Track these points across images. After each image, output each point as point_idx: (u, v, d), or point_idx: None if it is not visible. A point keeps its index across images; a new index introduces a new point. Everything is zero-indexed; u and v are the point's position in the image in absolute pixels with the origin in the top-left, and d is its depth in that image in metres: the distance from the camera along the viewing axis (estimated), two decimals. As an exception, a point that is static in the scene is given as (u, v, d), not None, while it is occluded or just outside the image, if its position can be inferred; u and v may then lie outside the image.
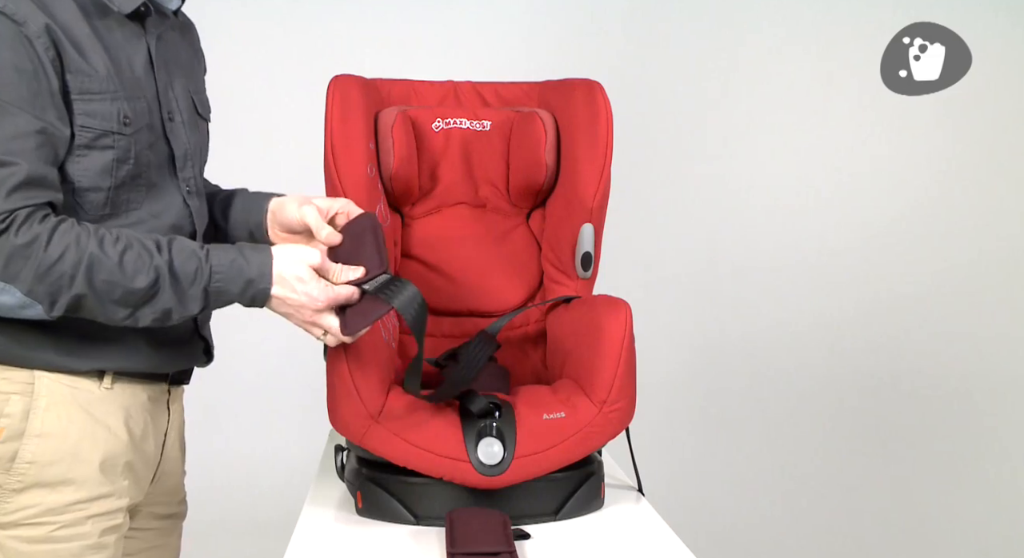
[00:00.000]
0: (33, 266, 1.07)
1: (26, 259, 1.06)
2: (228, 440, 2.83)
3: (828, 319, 3.13)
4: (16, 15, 1.08)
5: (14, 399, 1.16)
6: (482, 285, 1.60)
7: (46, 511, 1.18)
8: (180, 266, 1.13)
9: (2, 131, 1.07)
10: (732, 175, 3.09)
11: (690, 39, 3.06)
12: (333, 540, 1.26)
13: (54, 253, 1.07)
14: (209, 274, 1.15)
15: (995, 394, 3.16)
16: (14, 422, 1.16)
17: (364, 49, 2.80)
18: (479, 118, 1.63)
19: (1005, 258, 3.15)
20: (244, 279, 1.16)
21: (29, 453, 1.17)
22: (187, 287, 1.13)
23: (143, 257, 1.11)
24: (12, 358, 1.17)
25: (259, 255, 1.17)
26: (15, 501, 1.17)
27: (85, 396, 1.20)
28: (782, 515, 3.00)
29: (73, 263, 1.08)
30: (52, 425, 1.18)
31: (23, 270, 1.07)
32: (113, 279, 1.09)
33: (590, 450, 1.33)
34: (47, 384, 1.18)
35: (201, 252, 1.16)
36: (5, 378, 1.17)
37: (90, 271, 1.08)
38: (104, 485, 1.22)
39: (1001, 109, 3.10)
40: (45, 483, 1.18)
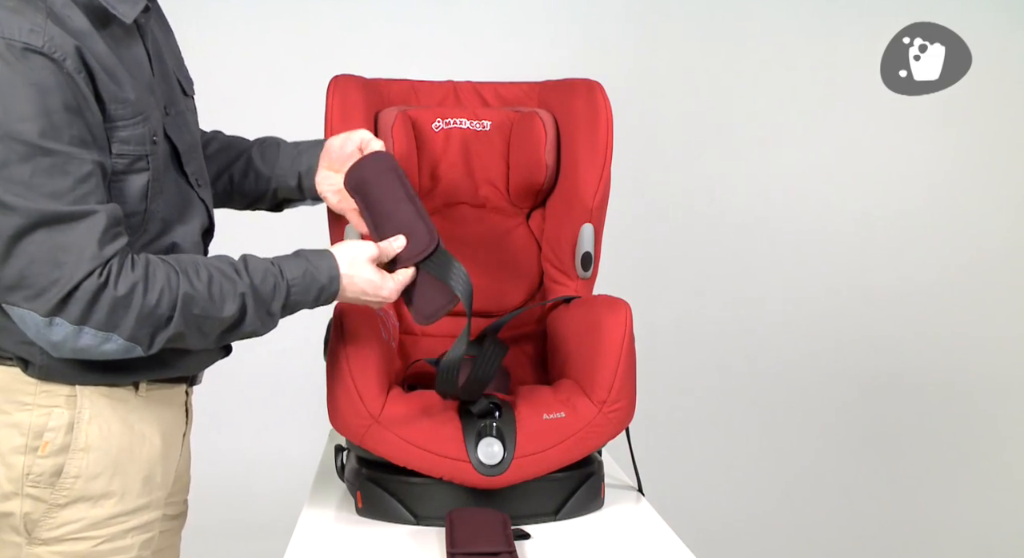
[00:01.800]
0: (135, 314, 1.06)
1: (127, 309, 1.05)
2: (228, 440, 2.83)
3: (828, 319, 3.13)
4: (56, 53, 1.01)
5: (57, 412, 1.14)
6: (482, 285, 1.60)
7: (89, 526, 1.17)
8: (260, 286, 1.15)
9: (70, 178, 1.02)
10: (732, 174, 3.09)
11: (690, 39, 3.06)
12: (333, 540, 1.26)
13: (152, 298, 1.07)
14: (287, 289, 1.17)
15: (996, 393, 3.16)
16: (59, 436, 1.14)
17: (364, 49, 2.80)
18: (479, 118, 1.63)
19: (1005, 257, 3.15)
20: (317, 287, 1.19)
21: (75, 468, 1.15)
22: (269, 305, 1.16)
23: (227, 285, 1.12)
24: (53, 375, 1.14)
25: (325, 260, 1.20)
26: (60, 516, 1.15)
27: (123, 407, 1.19)
28: (782, 515, 3.00)
29: (170, 305, 1.08)
30: (95, 438, 1.16)
31: (125, 319, 1.06)
32: (206, 313, 1.11)
33: (590, 450, 1.33)
34: (88, 396, 1.16)
35: (274, 268, 1.17)
36: (46, 391, 1.14)
37: (186, 309, 1.09)
38: (142, 497, 1.21)
39: (1001, 109, 3.11)
40: (88, 497, 1.16)
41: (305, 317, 1.25)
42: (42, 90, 1.00)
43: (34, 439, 1.13)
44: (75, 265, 1.02)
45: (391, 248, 1.26)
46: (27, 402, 1.14)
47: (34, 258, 1.01)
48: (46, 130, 1.00)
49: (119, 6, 1.12)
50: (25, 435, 1.13)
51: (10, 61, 0.99)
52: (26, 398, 1.14)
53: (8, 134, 0.99)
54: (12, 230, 1.01)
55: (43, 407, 1.14)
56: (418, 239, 1.27)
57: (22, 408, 1.14)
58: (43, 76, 1.00)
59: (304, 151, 1.43)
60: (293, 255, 1.21)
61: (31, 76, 1.00)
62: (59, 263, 1.02)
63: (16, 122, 0.99)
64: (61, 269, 1.02)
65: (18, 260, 1.02)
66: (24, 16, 1.02)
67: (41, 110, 1.00)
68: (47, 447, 1.14)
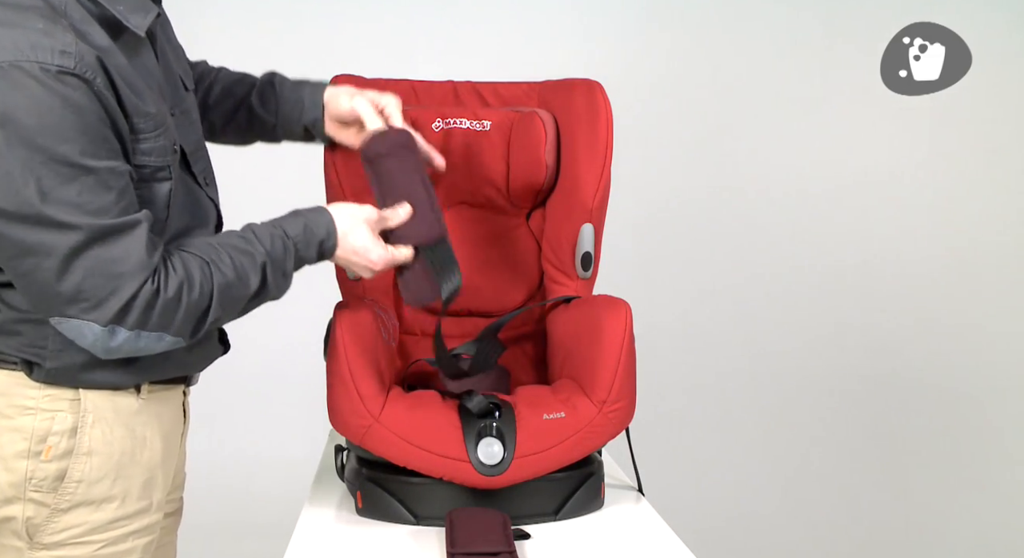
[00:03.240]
0: (183, 312, 1.11)
1: (177, 309, 1.10)
2: (228, 440, 2.83)
3: (829, 319, 3.13)
4: (87, 72, 1.02)
5: (60, 417, 1.14)
6: (482, 285, 1.60)
7: (91, 530, 1.17)
8: (273, 252, 1.19)
9: (113, 192, 1.05)
10: (732, 174, 3.09)
11: (690, 39, 3.06)
12: (333, 540, 1.26)
13: (195, 294, 1.11)
14: (294, 248, 1.21)
15: (996, 392, 3.16)
16: (63, 441, 1.14)
17: (364, 49, 2.80)
18: (479, 118, 1.63)
19: (1005, 256, 3.15)
20: (317, 241, 1.23)
21: (78, 472, 1.15)
22: (284, 268, 1.20)
23: (247, 261, 1.17)
24: (59, 378, 1.14)
25: (323, 216, 1.24)
26: (62, 521, 1.15)
27: (125, 410, 1.19)
28: (782, 514, 3.00)
29: (209, 296, 1.13)
30: (98, 442, 1.16)
31: (175, 318, 1.10)
32: (237, 293, 1.16)
33: (590, 450, 1.33)
34: (92, 400, 1.16)
35: (278, 231, 1.21)
36: (49, 395, 1.14)
37: (222, 296, 1.14)
38: (142, 500, 1.22)
39: (1001, 109, 3.11)
40: (91, 501, 1.16)
41: (305, 318, 1.25)
42: (79, 111, 1.02)
43: (37, 443, 1.13)
44: (130, 276, 1.06)
45: (394, 215, 1.29)
46: (30, 406, 1.14)
47: (90, 272, 1.04)
48: (86, 149, 1.02)
49: (132, 17, 1.12)
50: (28, 439, 1.13)
51: (48, 85, 1.00)
52: (29, 402, 1.14)
53: (53, 157, 1.00)
54: (68, 249, 1.03)
55: (46, 411, 1.14)
56: (425, 223, 1.31)
57: (25, 412, 1.13)
58: (78, 97, 1.02)
59: (308, 107, 1.46)
60: (291, 214, 1.24)
61: (68, 98, 1.01)
62: (114, 275, 1.05)
63: (58, 144, 1.01)
64: (117, 280, 1.05)
65: (74, 276, 1.04)
66: (55, 38, 1.02)
67: (80, 130, 1.02)
68: (50, 452, 1.14)
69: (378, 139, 1.36)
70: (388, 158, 1.34)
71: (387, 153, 1.35)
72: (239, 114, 1.49)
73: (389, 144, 1.35)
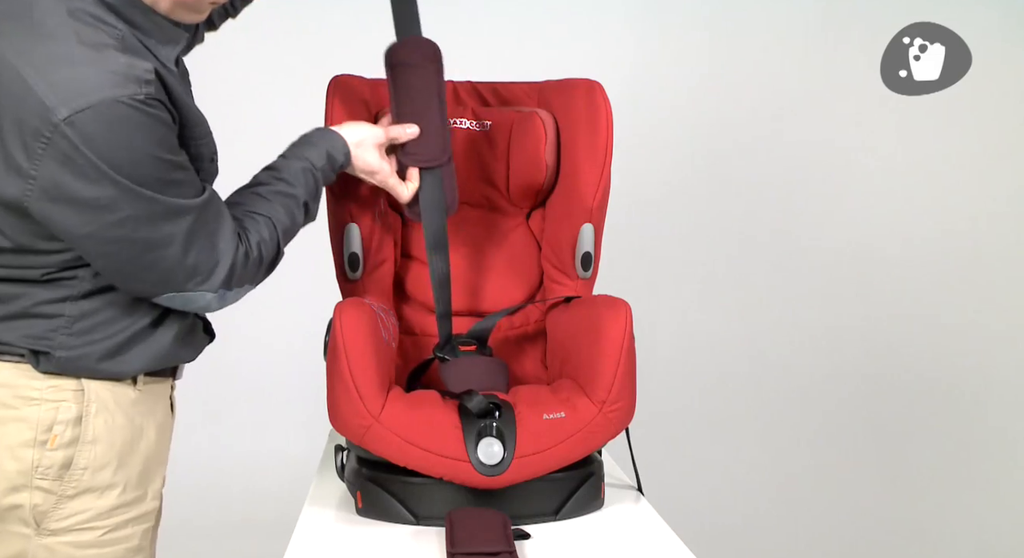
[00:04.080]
0: (266, 266, 1.27)
1: (260, 264, 1.26)
2: (228, 440, 2.84)
3: (829, 319, 3.13)
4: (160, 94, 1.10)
5: (65, 406, 1.18)
6: (482, 285, 1.60)
7: (95, 516, 1.20)
8: (307, 186, 1.33)
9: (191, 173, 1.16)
10: (731, 174, 3.09)
11: (690, 39, 3.06)
12: (333, 540, 1.26)
13: (267, 247, 1.26)
14: (322, 177, 1.35)
15: (995, 393, 3.16)
16: (67, 429, 1.17)
17: (364, 49, 2.80)
18: (479, 118, 1.63)
19: (1005, 256, 3.15)
20: (338, 165, 1.38)
21: (84, 459, 1.19)
22: (316, 195, 1.35)
23: (292, 203, 1.31)
24: (64, 368, 1.18)
25: (338, 141, 1.38)
26: (68, 507, 1.19)
27: (124, 400, 1.23)
28: (782, 515, 3.00)
29: (277, 244, 1.28)
30: (101, 430, 1.20)
31: (259, 272, 1.26)
32: (293, 232, 1.32)
33: (590, 450, 1.33)
34: (94, 390, 1.20)
35: (306, 163, 1.34)
36: (53, 386, 1.18)
37: (285, 239, 1.30)
38: (141, 487, 1.25)
39: (1001, 109, 3.11)
40: (95, 488, 1.20)
41: (305, 318, 1.26)
42: (166, 124, 1.12)
43: (43, 433, 1.16)
44: (225, 247, 1.19)
45: (402, 134, 1.43)
46: (35, 397, 1.17)
47: (200, 249, 1.17)
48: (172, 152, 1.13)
49: (163, 49, 1.19)
50: (34, 429, 1.16)
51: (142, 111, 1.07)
52: (34, 393, 1.17)
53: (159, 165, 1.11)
54: (184, 233, 1.14)
55: (51, 402, 1.17)
56: (431, 147, 1.42)
57: (30, 403, 1.17)
58: (162, 114, 1.11)
59: None
60: (309, 143, 1.37)
61: (156, 117, 1.09)
62: (215, 247, 1.18)
63: (160, 153, 1.11)
64: (217, 252, 1.18)
65: (190, 257, 1.16)
66: (137, 68, 1.08)
67: (169, 140, 1.13)
68: (56, 440, 1.17)
69: (405, 47, 1.42)
70: (411, 70, 1.41)
71: (412, 63, 1.41)
72: None
73: (415, 55, 1.42)
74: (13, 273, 1.16)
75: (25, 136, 1.05)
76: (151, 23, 1.16)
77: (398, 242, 1.61)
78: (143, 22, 1.15)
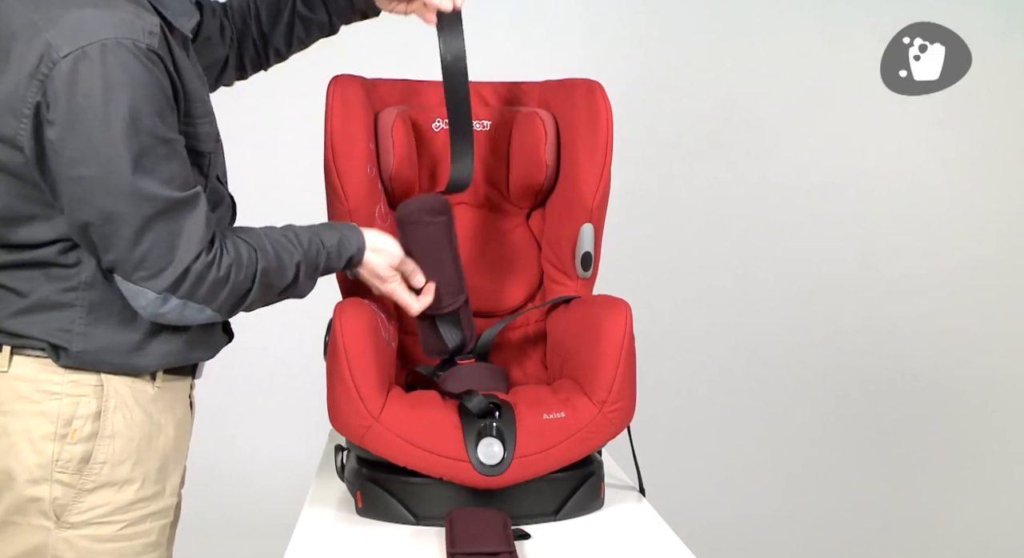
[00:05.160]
0: (229, 290, 1.19)
1: (224, 286, 1.18)
2: (228, 440, 2.83)
3: (828, 319, 3.13)
4: (163, 51, 1.11)
5: (84, 401, 1.19)
6: (482, 285, 1.60)
7: (114, 510, 1.21)
8: (309, 253, 1.28)
9: (176, 163, 1.13)
10: (732, 174, 3.09)
11: (690, 39, 3.06)
12: (333, 540, 1.26)
13: (242, 276, 1.20)
14: (327, 256, 1.30)
15: (996, 392, 3.16)
16: (87, 424, 1.18)
17: (364, 49, 2.80)
18: (479, 118, 1.63)
19: (1005, 256, 3.15)
20: (347, 256, 1.33)
21: (103, 454, 1.19)
22: (315, 271, 1.30)
23: (286, 256, 1.25)
24: (82, 362, 1.19)
25: (356, 235, 1.34)
26: (87, 501, 1.19)
27: (143, 396, 1.23)
28: (782, 515, 3.00)
29: (251, 279, 1.21)
30: (120, 425, 1.21)
31: (221, 295, 1.18)
32: (274, 282, 1.24)
33: (590, 450, 1.33)
34: (114, 385, 1.20)
35: (316, 238, 1.30)
36: (73, 381, 1.18)
37: (262, 280, 1.22)
38: (159, 483, 1.26)
39: (1001, 109, 3.11)
40: (113, 482, 1.21)
41: (305, 318, 1.26)
42: (161, 87, 1.11)
43: (63, 427, 1.17)
44: (187, 248, 1.14)
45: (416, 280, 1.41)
46: (56, 391, 1.18)
47: (156, 243, 1.12)
48: (161, 121, 1.11)
49: (179, 19, 1.20)
50: (54, 423, 1.17)
51: (143, 62, 1.08)
52: (54, 387, 1.18)
53: (143, 129, 1.09)
54: (143, 217, 1.11)
55: (71, 396, 1.18)
56: (445, 295, 1.42)
57: (51, 397, 1.18)
58: (158, 74, 1.10)
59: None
60: (328, 226, 1.34)
61: (153, 75, 1.09)
62: (174, 247, 1.13)
63: (144, 117, 1.09)
64: (176, 252, 1.13)
65: (143, 245, 1.12)
66: (144, 20, 1.10)
67: (160, 104, 1.10)
68: (76, 434, 1.18)
69: (413, 205, 1.42)
70: (420, 227, 1.41)
71: (421, 221, 1.41)
72: (295, 29, 1.53)
73: (423, 212, 1.41)
74: (16, 257, 1.17)
75: (27, 75, 1.06)
76: None
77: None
78: None
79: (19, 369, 1.18)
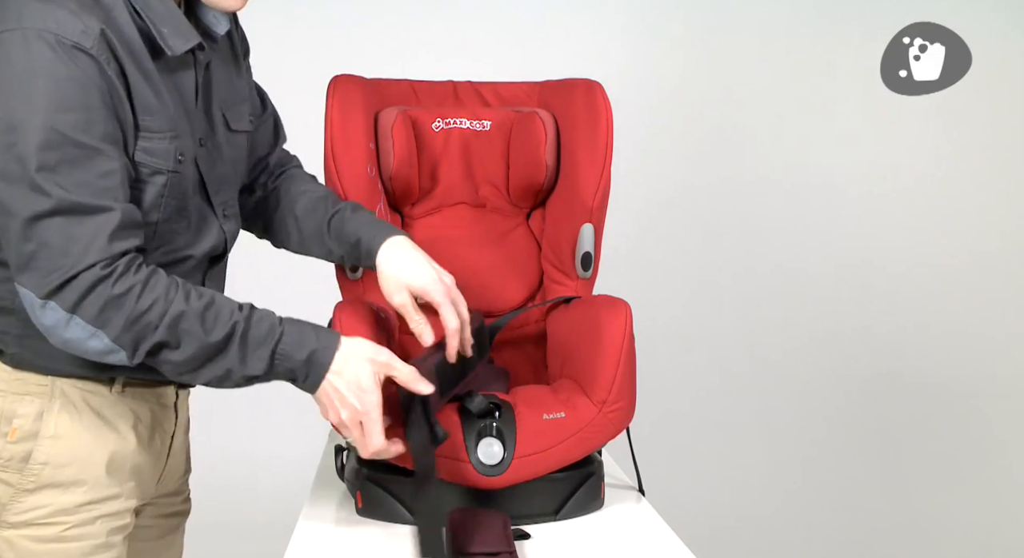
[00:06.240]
0: (124, 315, 1.06)
1: (119, 308, 1.06)
2: (228, 440, 2.83)
3: (829, 319, 3.13)
4: (101, 55, 1.06)
5: (27, 400, 1.18)
6: (482, 285, 1.60)
7: (57, 511, 1.19)
8: (254, 323, 1.12)
9: (92, 171, 1.05)
10: (732, 174, 3.09)
11: (690, 39, 3.06)
12: (333, 540, 1.26)
13: (144, 304, 1.07)
14: (280, 337, 1.13)
15: (996, 392, 3.16)
16: (27, 423, 1.17)
17: (364, 49, 2.80)
18: (479, 118, 1.63)
19: (1004, 256, 3.16)
20: (308, 349, 1.14)
21: (43, 454, 1.18)
22: (255, 348, 1.12)
23: (223, 312, 1.11)
24: (30, 365, 1.18)
25: (330, 335, 1.17)
26: (27, 501, 1.18)
27: (97, 400, 1.22)
28: (782, 515, 3.01)
29: (160, 313, 1.08)
30: (65, 427, 1.19)
31: (115, 318, 1.06)
32: (193, 330, 1.09)
33: (590, 450, 1.33)
34: (61, 387, 1.19)
35: (275, 316, 1.16)
36: (19, 379, 1.18)
37: (175, 322, 1.08)
38: (112, 487, 1.23)
39: (1001, 109, 3.11)
40: (57, 484, 1.19)
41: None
42: (83, 85, 1.05)
43: (4, 424, 1.17)
44: (80, 255, 1.04)
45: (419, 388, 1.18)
46: (0, 388, 1.17)
47: (46, 242, 1.04)
48: (79, 123, 1.05)
49: (170, 39, 1.14)
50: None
51: (60, 55, 1.04)
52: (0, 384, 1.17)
53: (48, 123, 1.03)
54: (33, 212, 1.04)
55: (15, 394, 1.18)
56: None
57: None
58: (86, 73, 1.05)
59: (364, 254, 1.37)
60: (305, 321, 1.18)
61: (75, 72, 1.04)
62: (67, 252, 1.04)
63: (55, 112, 1.03)
64: (67, 257, 1.04)
65: (31, 243, 1.05)
66: (80, 19, 1.06)
67: (80, 104, 1.05)
68: (16, 433, 1.17)
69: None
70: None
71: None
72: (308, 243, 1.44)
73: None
74: None
75: None
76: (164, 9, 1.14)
77: (398, 242, 1.61)
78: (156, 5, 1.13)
79: None
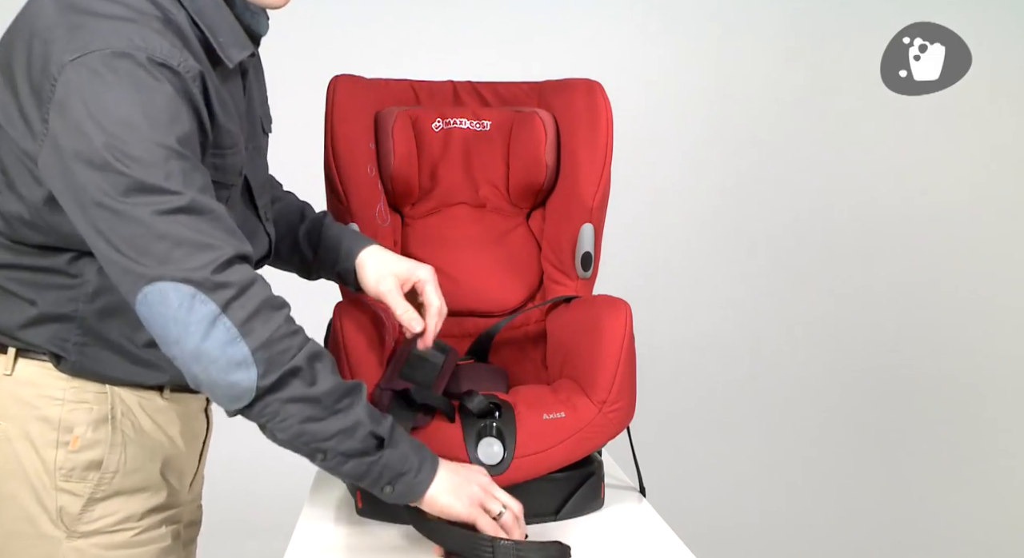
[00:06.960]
0: (272, 327, 1.02)
1: (268, 320, 1.02)
2: (228, 440, 2.82)
3: (829, 319, 3.13)
4: (188, 73, 1.05)
5: (84, 408, 1.17)
6: (482, 285, 1.60)
7: (126, 518, 1.20)
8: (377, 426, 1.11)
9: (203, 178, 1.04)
10: (731, 174, 3.09)
11: (690, 39, 3.06)
12: (333, 540, 1.26)
13: (290, 328, 1.04)
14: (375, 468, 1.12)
15: (997, 393, 3.16)
16: (88, 431, 1.17)
17: (364, 49, 2.80)
18: (479, 118, 1.63)
19: (1005, 257, 3.16)
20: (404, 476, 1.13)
21: (113, 462, 1.18)
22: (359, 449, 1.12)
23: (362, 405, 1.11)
24: (90, 373, 1.17)
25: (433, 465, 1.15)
26: (98, 509, 1.18)
27: (151, 406, 1.22)
28: (783, 515, 3.01)
29: (298, 346, 1.05)
30: (130, 434, 1.20)
31: (261, 328, 1.01)
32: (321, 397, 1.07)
33: (590, 450, 1.33)
34: (119, 394, 1.19)
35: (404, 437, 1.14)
36: (76, 387, 1.17)
37: (312, 359, 1.06)
38: (169, 491, 1.26)
39: (1001, 109, 3.11)
40: (125, 490, 1.20)
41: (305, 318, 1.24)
42: (175, 103, 1.03)
43: (64, 434, 1.16)
44: (222, 245, 1.01)
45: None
46: (57, 397, 1.16)
47: (182, 239, 0.99)
48: (181, 138, 1.03)
49: (228, 49, 1.15)
50: (56, 429, 1.16)
51: (153, 73, 1.02)
52: (56, 393, 1.16)
53: (150, 138, 1.00)
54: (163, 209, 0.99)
55: (72, 403, 1.17)
56: None
57: (52, 403, 1.16)
58: (177, 91, 1.04)
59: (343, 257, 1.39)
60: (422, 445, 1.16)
61: (168, 89, 1.03)
62: (206, 245, 1.00)
63: (157, 127, 1.01)
64: (211, 248, 1.00)
65: (165, 241, 0.99)
66: (166, 38, 1.05)
67: (176, 119, 1.03)
68: (78, 442, 1.16)
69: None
70: None
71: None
72: (285, 241, 1.45)
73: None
74: (28, 276, 1.15)
75: (38, 89, 1.03)
76: (221, 18, 1.14)
77: (398, 242, 1.61)
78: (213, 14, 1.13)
79: (23, 373, 1.16)
